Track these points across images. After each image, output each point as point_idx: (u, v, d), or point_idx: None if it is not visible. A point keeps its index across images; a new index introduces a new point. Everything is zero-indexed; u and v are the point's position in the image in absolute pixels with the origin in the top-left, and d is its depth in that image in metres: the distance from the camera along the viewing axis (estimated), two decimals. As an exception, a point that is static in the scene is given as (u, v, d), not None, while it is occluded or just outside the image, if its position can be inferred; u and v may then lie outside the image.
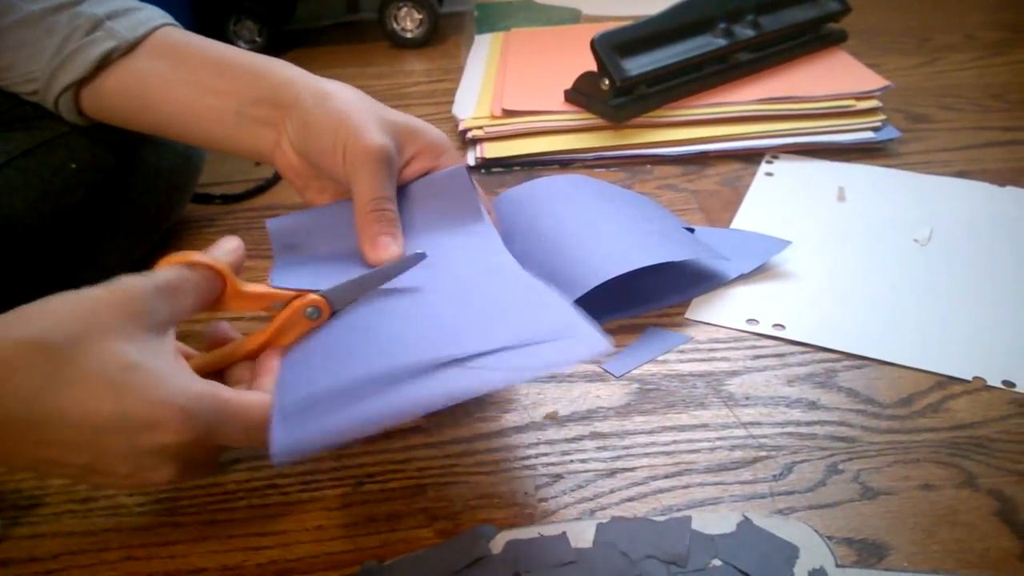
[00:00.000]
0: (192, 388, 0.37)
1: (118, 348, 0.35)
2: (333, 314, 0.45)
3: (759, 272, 0.62)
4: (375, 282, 0.46)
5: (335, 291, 0.45)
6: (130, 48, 0.55)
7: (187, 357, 0.42)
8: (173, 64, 0.54)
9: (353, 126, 0.48)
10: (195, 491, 0.47)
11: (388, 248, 0.47)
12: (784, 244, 0.63)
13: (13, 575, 0.42)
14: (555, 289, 0.44)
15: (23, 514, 0.46)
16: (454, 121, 0.89)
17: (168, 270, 0.40)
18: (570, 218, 0.62)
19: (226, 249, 0.44)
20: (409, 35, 1.22)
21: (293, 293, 0.44)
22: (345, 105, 0.50)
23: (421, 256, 0.46)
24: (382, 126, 0.49)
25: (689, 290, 0.61)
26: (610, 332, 0.57)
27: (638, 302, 0.60)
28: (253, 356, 0.44)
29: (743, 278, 0.62)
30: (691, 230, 0.65)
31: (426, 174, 0.53)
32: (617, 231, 0.60)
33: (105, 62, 0.54)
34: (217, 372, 0.44)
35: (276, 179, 0.82)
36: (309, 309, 0.44)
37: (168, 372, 0.37)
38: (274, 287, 0.45)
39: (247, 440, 0.39)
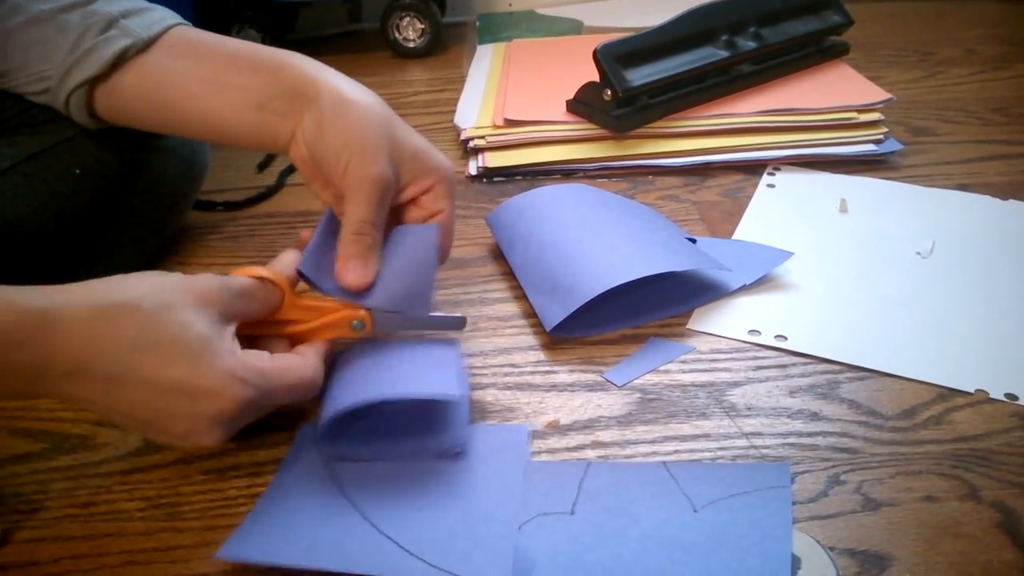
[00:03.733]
0: (245, 358, 0.43)
1: (196, 320, 0.42)
2: (374, 328, 0.51)
3: (761, 283, 0.62)
4: (418, 324, 0.52)
5: (382, 316, 0.50)
6: (145, 46, 0.55)
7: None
8: (191, 62, 0.54)
9: (360, 148, 0.49)
10: (196, 497, 0.46)
11: (357, 271, 0.49)
12: (786, 255, 0.63)
13: (13, 579, 0.42)
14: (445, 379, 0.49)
15: (24, 518, 0.45)
16: (456, 130, 0.89)
17: (240, 279, 0.47)
18: (572, 227, 0.62)
19: (285, 263, 0.51)
20: (411, 45, 1.22)
21: (341, 305, 0.50)
22: (360, 120, 0.50)
23: (462, 320, 0.52)
24: (389, 151, 0.50)
25: (691, 300, 0.61)
26: (612, 341, 0.57)
27: (640, 312, 0.60)
28: (293, 341, 0.50)
29: (745, 289, 0.62)
30: (693, 240, 0.65)
31: (417, 198, 0.54)
32: (619, 240, 0.60)
33: (121, 60, 0.54)
34: (258, 338, 0.49)
35: (278, 187, 0.82)
36: (355, 322, 0.50)
37: (231, 348, 0.43)
38: (326, 294, 0.50)
39: (287, 398, 0.46)
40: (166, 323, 0.41)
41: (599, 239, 0.60)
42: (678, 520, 0.43)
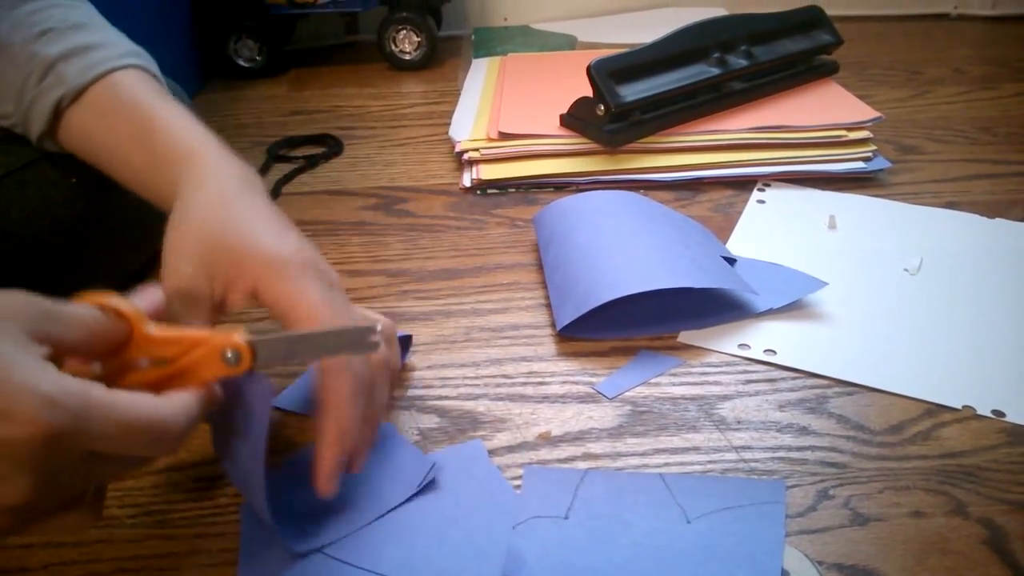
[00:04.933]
0: (57, 378, 0.31)
1: None
2: (253, 368, 0.38)
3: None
4: (311, 349, 0.39)
5: (264, 344, 0.38)
6: (77, 95, 0.53)
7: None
8: (107, 124, 0.53)
9: (171, 245, 0.45)
10: (187, 505, 0.46)
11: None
12: (819, 284, 0.63)
13: (2, 586, 0.42)
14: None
15: (13, 525, 0.45)
16: (450, 143, 0.89)
17: (75, 304, 0.36)
18: (607, 232, 0.63)
19: (148, 295, 0.41)
20: (408, 57, 1.23)
21: (207, 334, 0.38)
22: (189, 214, 0.45)
23: (370, 330, 0.38)
24: (201, 254, 0.44)
25: (713, 317, 0.61)
26: (603, 353, 0.58)
27: (659, 323, 0.60)
28: (153, 389, 0.36)
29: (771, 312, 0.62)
30: (732, 260, 0.66)
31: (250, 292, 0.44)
32: (648, 250, 0.61)
33: (57, 111, 0.53)
34: None
35: (274, 196, 0.82)
36: (229, 353, 0.38)
37: (32, 363, 0.31)
38: (187, 330, 0.39)
39: (123, 441, 0.32)
40: None
41: (630, 246, 0.61)
42: (670, 529, 0.44)
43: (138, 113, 0.52)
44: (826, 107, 0.89)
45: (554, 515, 0.45)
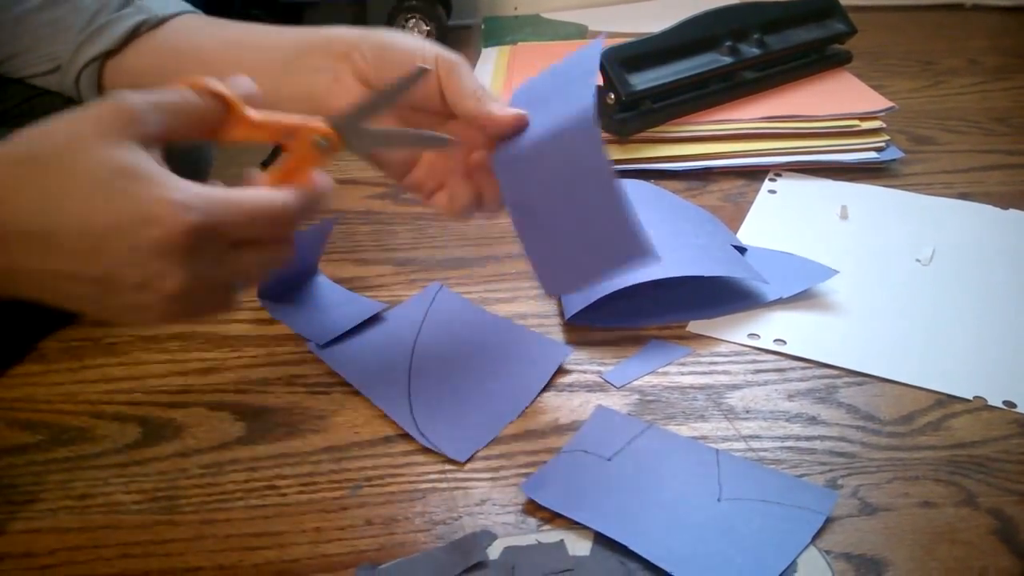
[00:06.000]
0: (186, 184, 0.36)
1: (105, 155, 0.35)
2: (345, 142, 0.43)
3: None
4: (380, 102, 0.43)
5: (342, 117, 0.42)
6: (160, 23, 0.55)
7: None
8: (205, 36, 0.54)
9: (430, 45, 0.48)
10: (193, 491, 0.46)
11: (513, 112, 0.47)
12: (830, 273, 0.62)
13: (9, 569, 0.42)
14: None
15: (20, 509, 0.45)
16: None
17: (171, 91, 0.39)
18: None
19: (241, 82, 0.42)
20: (416, 46, 1.22)
21: (299, 121, 0.42)
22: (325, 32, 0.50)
23: (424, 70, 0.44)
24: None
25: (723, 306, 0.61)
26: (612, 343, 0.57)
27: (669, 311, 0.60)
28: None
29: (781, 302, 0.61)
30: (743, 250, 0.65)
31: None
32: (657, 239, 0.60)
33: (134, 35, 0.54)
34: None
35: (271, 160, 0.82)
36: (319, 139, 0.41)
37: (159, 174, 0.36)
38: (277, 115, 0.42)
39: (250, 227, 0.38)
40: (69, 167, 0.35)
41: None
42: (697, 501, 0.44)
43: (249, 25, 0.54)
44: (839, 97, 0.88)
45: (600, 454, 0.48)
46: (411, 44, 0.49)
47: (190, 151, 0.68)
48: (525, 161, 0.46)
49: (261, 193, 0.39)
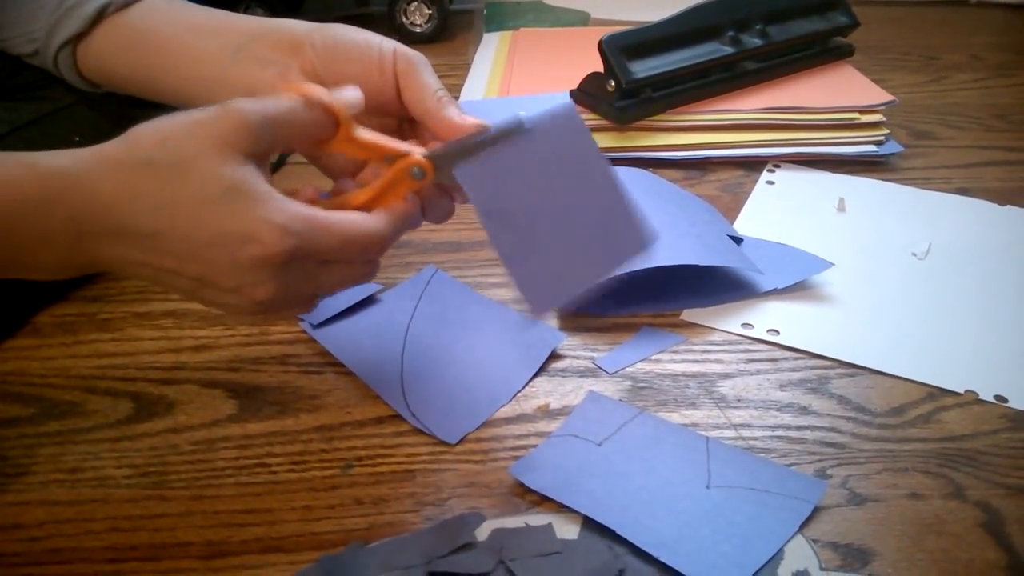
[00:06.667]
0: (288, 206, 0.39)
1: (219, 172, 0.38)
2: (436, 173, 0.44)
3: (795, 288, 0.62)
4: (478, 146, 0.44)
5: (439, 153, 0.43)
6: (126, 5, 0.54)
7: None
8: (170, 17, 0.53)
9: (388, 41, 0.48)
10: (184, 467, 0.47)
11: (473, 120, 0.46)
12: (826, 265, 0.62)
13: (-3, 540, 0.42)
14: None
15: (10, 481, 0.46)
16: (459, 116, 0.89)
17: (284, 101, 0.40)
18: None
19: (349, 96, 0.43)
20: (418, 30, 1.22)
21: (402, 148, 0.43)
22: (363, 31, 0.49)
23: (519, 122, 0.43)
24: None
25: (717, 296, 0.61)
26: (605, 329, 0.57)
27: (665, 299, 0.60)
28: (361, 208, 0.44)
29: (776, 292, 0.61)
30: (739, 240, 0.65)
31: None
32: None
33: (101, 16, 0.54)
34: None
35: (279, 165, 0.82)
36: (415, 169, 0.43)
37: (265, 194, 0.38)
38: (383, 138, 0.44)
39: (342, 251, 0.41)
40: (185, 178, 0.38)
41: None
42: (686, 488, 0.44)
43: (209, 10, 0.53)
44: (840, 89, 0.88)
45: (589, 439, 0.48)
46: (364, 39, 0.48)
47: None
48: (498, 164, 0.44)
49: (357, 220, 0.41)
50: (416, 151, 0.43)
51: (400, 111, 0.48)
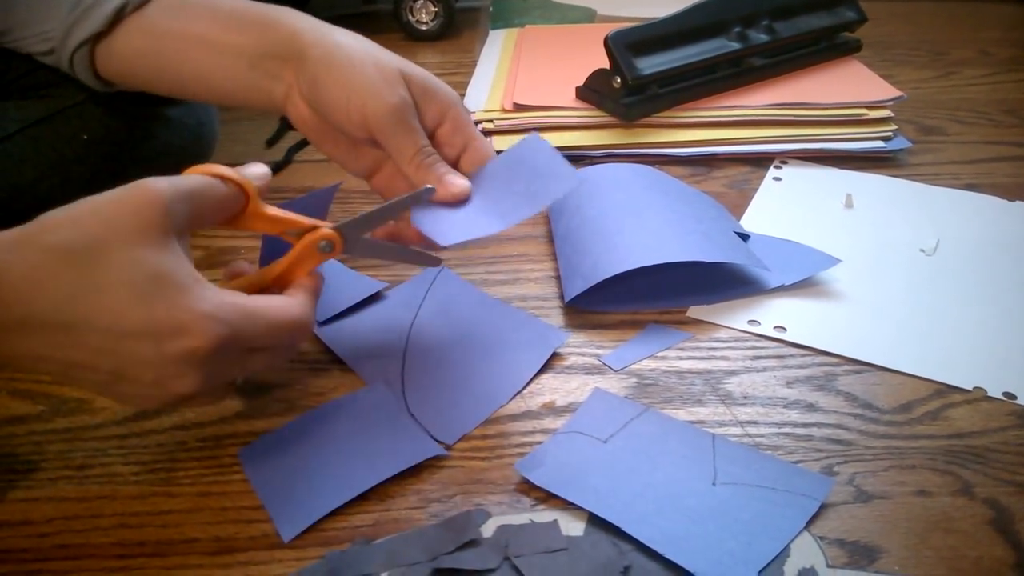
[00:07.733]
0: (216, 294, 0.38)
1: (141, 256, 0.36)
2: (345, 247, 0.46)
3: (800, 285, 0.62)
4: (384, 216, 0.47)
5: (347, 225, 0.45)
6: (144, 3, 0.54)
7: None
8: (183, 21, 0.53)
9: (366, 86, 0.47)
10: (191, 464, 0.47)
11: (457, 183, 0.48)
12: (833, 261, 0.62)
13: (7, 537, 0.42)
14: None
15: (19, 478, 0.46)
16: (465, 113, 0.89)
17: (195, 178, 0.40)
18: (618, 205, 0.63)
19: (255, 171, 0.44)
20: (424, 28, 1.22)
21: (309, 223, 0.45)
22: (356, 62, 0.48)
23: (429, 191, 0.47)
24: (393, 80, 0.48)
25: (723, 292, 0.60)
26: (611, 326, 0.57)
27: (669, 297, 0.60)
28: (269, 288, 0.46)
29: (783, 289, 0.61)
30: (745, 236, 0.65)
31: (435, 133, 0.51)
32: (660, 224, 0.60)
33: (119, 16, 0.54)
34: None
35: (285, 163, 0.82)
36: (322, 243, 0.45)
37: (190, 280, 0.37)
38: (290, 214, 0.45)
39: (271, 338, 0.40)
40: (104, 263, 0.35)
41: (641, 220, 0.61)
42: (692, 485, 0.44)
43: (221, 7, 0.53)
44: (847, 85, 0.88)
45: (595, 436, 0.48)
46: (342, 89, 0.48)
47: (196, 127, 0.69)
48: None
49: (283, 305, 0.41)
50: (324, 225, 0.45)
51: (367, 135, 0.49)
